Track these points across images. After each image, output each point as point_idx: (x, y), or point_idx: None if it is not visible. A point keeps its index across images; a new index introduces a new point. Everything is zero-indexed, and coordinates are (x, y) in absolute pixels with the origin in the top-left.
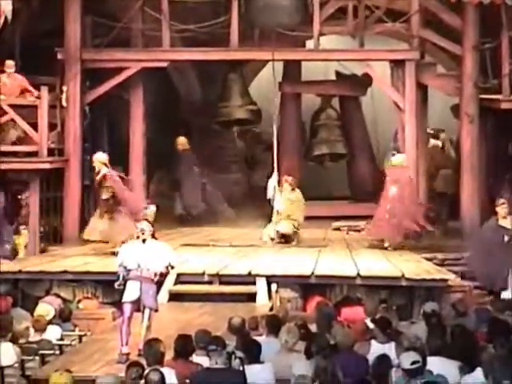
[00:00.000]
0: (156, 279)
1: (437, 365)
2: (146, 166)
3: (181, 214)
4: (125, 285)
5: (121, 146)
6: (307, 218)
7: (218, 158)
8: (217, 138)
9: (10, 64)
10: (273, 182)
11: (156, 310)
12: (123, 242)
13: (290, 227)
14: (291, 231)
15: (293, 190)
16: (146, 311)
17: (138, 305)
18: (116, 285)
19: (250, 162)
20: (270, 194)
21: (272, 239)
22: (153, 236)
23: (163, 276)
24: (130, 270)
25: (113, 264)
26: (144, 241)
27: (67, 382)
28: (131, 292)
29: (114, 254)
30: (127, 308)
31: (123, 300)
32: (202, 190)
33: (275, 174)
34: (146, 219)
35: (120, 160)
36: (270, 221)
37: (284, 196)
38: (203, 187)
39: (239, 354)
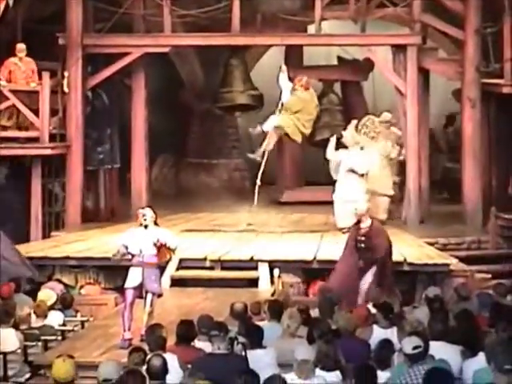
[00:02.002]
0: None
1: (439, 350)
2: (148, 151)
3: None
4: (127, 271)
5: (123, 131)
6: (309, 203)
7: (219, 143)
8: (218, 123)
9: (21, 48)
10: (284, 76)
11: (160, 295)
12: None
13: (287, 122)
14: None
15: (306, 89)
16: (149, 297)
17: (140, 291)
18: (112, 255)
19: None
20: (282, 84)
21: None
22: (155, 223)
23: (166, 261)
24: (132, 256)
25: (115, 250)
26: (146, 227)
27: (70, 368)
28: (133, 278)
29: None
30: (129, 294)
31: (125, 286)
32: None
33: (284, 67)
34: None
35: (122, 145)
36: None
37: (295, 94)
38: None
39: (241, 339)
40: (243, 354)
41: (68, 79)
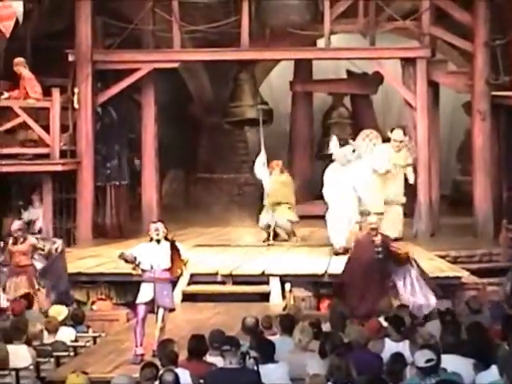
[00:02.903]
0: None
1: (451, 362)
2: (158, 166)
3: None
4: (138, 286)
5: (133, 146)
6: (318, 217)
7: (228, 157)
8: (227, 137)
9: (17, 61)
10: (261, 159)
11: (172, 310)
12: None
13: (287, 224)
14: (289, 228)
15: (281, 172)
16: (160, 312)
17: (151, 306)
18: (119, 253)
19: None
20: (258, 173)
21: (268, 235)
22: (165, 238)
23: (178, 276)
24: (143, 271)
25: (126, 265)
26: (158, 241)
27: (83, 383)
28: (145, 293)
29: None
30: (141, 309)
31: (137, 301)
32: None
33: (263, 151)
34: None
35: (132, 161)
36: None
37: (274, 179)
38: None
39: (253, 353)
40: (255, 368)
41: (78, 95)
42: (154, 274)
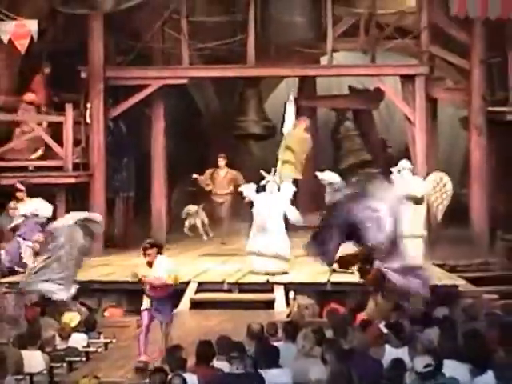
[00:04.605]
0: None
1: (449, 368)
2: (167, 179)
3: None
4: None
5: (143, 159)
6: None
7: (235, 170)
8: (234, 150)
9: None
10: (291, 107)
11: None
12: None
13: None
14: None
15: (305, 130)
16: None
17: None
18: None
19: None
20: (287, 115)
21: None
22: (159, 252)
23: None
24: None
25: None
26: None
27: None
28: (146, 302)
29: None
30: (145, 316)
31: (141, 308)
32: None
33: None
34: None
35: (142, 173)
36: None
37: (296, 133)
38: None
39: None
40: (253, 369)
41: (90, 110)
42: (150, 291)
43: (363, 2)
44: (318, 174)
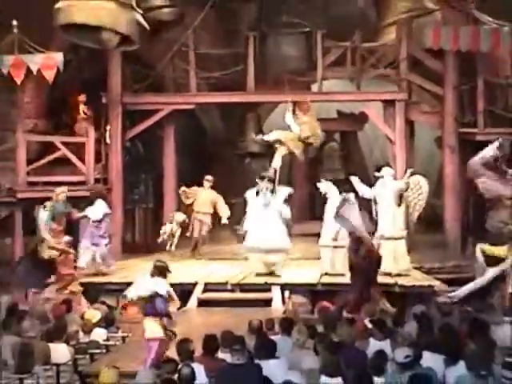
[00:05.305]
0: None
1: (425, 358)
2: (178, 197)
3: None
4: None
5: (158, 174)
6: (312, 235)
7: (237, 184)
8: (236, 166)
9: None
10: (290, 114)
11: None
12: None
13: (286, 136)
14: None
15: (307, 111)
16: None
17: None
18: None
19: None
20: (289, 122)
21: None
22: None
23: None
24: None
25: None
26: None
27: (114, 376)
28: None
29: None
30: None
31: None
32: None
33: (290, 106)
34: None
35: (159, 187)
36: None
37: (300, 121)
38: None
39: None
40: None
41: (109, 132)
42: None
43: (349, 35)
44: (319, 184)
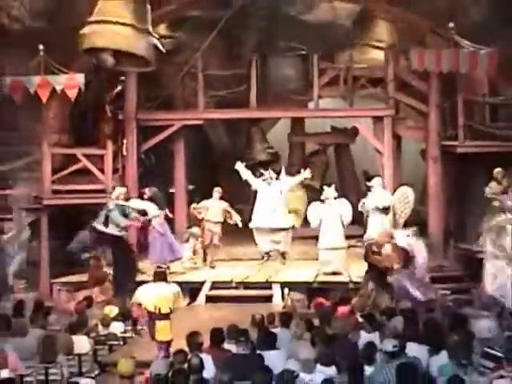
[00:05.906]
0: None
1: (411, 349)
2: (187, 199)
3: None
4: None
5: (170, 184)
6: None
7: (243, 193)
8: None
9: None
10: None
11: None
12: None
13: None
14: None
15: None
16: None
17: None
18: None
19: None
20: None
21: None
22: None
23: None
24: None
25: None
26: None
27: (131, 365)
28: None
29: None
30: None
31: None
32: None
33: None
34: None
35: (171, 196)
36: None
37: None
38: None
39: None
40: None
41: (126, 145)
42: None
43: (343, 58)
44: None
